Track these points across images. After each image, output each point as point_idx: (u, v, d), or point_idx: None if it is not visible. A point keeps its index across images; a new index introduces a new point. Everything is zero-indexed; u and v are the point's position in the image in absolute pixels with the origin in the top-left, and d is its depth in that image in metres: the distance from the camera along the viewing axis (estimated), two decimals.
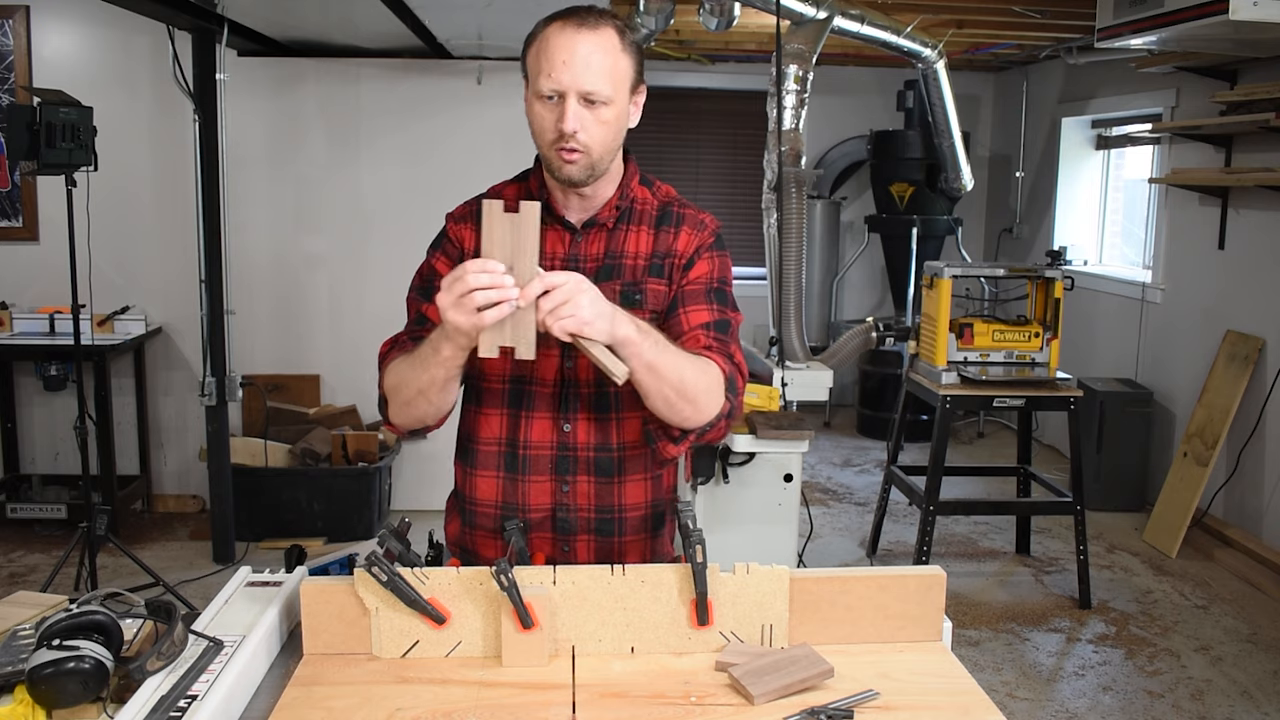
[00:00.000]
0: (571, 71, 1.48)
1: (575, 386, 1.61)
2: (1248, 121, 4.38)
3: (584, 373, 1.61)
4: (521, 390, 1.62)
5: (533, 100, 1.53)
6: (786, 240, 4.28)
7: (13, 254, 4.78)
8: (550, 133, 1.51)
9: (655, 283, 1.63)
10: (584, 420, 1.62)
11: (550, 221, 1.61)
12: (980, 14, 5.14)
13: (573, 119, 1.49)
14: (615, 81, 1.51)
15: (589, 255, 1.62)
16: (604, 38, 1.50)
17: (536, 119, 1.53)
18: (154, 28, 4.34)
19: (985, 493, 5.39)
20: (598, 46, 1.49)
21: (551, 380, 1.61)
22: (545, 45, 1.50)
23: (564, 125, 1.49)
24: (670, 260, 1.64)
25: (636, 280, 1.62)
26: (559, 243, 1.62)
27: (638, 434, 1.64)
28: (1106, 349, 5.94)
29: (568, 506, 1.64)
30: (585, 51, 1.48)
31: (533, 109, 1.54)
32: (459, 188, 1.91)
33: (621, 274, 1.62)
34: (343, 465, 4.63)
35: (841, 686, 1.37)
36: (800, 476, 3.52)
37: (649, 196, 1.67)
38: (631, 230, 1.64)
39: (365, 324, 4.87)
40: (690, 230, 1.65)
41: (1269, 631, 3.92)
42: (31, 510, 4.53)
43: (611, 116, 1.52)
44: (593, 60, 1.49)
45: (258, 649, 1.38)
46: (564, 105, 1.49)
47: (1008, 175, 7.16)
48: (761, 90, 4.77)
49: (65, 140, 3.39)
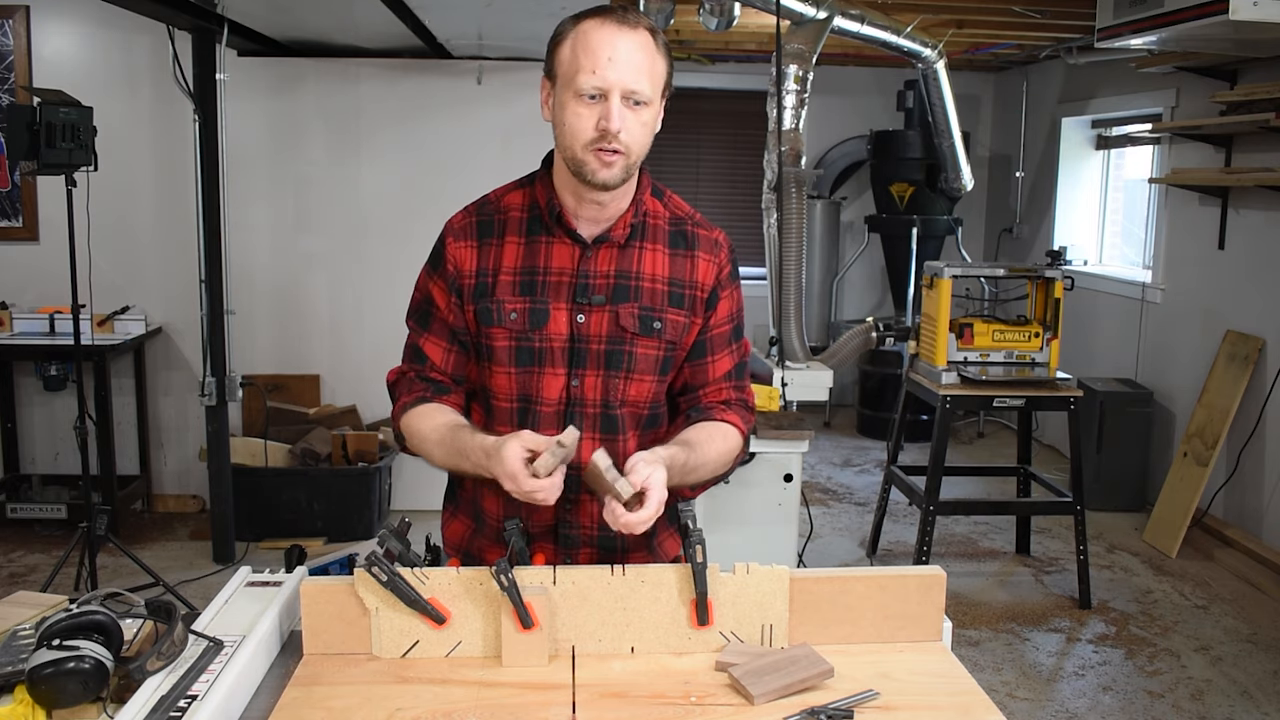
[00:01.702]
0: (617, 69, 1.43)
1: (580, 405, 1.59)
2: (1248, 121, 4.38)
3: (589, 392, 1.58)
4: (528, 409, 1.59)
5: (567, 100, 1.46)
6: (786, 240, 4.28)
7: (13, 254, 4.78)
8: (589, 133, 1.45)
9: (675, 313, 1.60)
10: (588, 439, 1.58)
11: (559, 234, 1.57)
12: (980, 14, 5.14)
13: (618, 117, 1.44)
14: (654, 82, 1.48)
15: (598, 272, 1.57)
16: (643, 38, 1.47)
17: (573, 118, 1.46)
18: (154, 28, 4.34)
19: (985, 493, 5.39)
20: (639, 45, 1.46)
21: (557, 399, 1.58)
22: (585, 42, 1.45)
23: (609, 124, 1.44)
24: (693, 293, 1.61)
25: (656, 306, 1.58)
26: (567, 257, 1.56)
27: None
28: (1106, 349, 5.94)
29: (570, 523, 1.62)
30: (628, 50, 1.45)
31: (567, 109, 1.47)
32: (458, 187, 1.90)
33: (639, 296, 1.58)
34: (343, 465, 4.63)
35: (841, 686, 1.37)
36: (800, 476, 3.52)
37: (660, 209, 1.63)
38: (646, 248, 1.60)
39: (365, 324, 4.88)
40: (707, 256, 1.62)
41: (1269, 631, 3.92)
42: (31, 510, 4.53)
43: (650, 118, 1.50)
44: (635, 59, 1.45)
45: (258, 649, 1.38)
46: (608, 104, 1.44)
47: (1008, 175, 7.16)
48: (761, 90, 4.77)
49: (65, 140, 3.39)
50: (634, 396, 1.60)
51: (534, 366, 1.57)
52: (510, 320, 1.56)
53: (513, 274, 1.57)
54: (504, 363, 1.58)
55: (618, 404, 1.60)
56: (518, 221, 1.59)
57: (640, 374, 1.59)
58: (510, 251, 1.58)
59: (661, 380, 1.62)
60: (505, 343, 1.57)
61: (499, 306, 1.56)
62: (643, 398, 1.61)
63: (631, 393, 1.60)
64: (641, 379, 1.59)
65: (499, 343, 1.57)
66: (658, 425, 1.68)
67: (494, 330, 1.57)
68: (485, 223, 1.60)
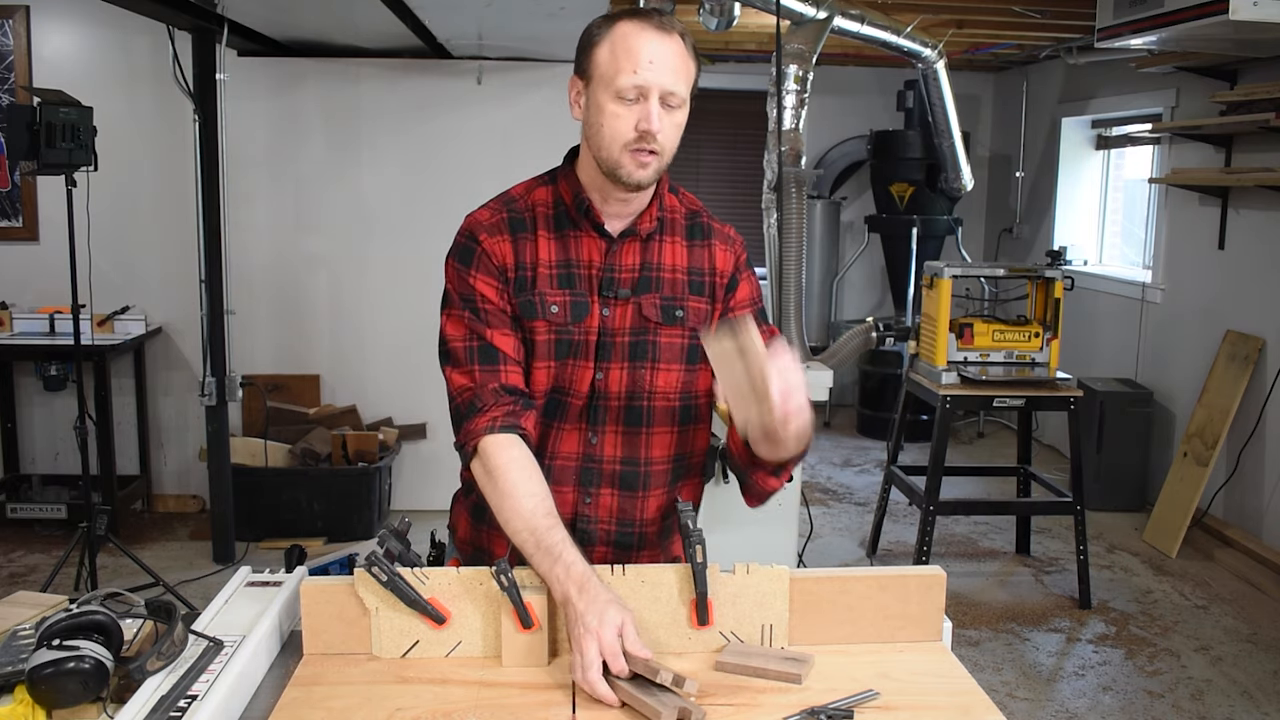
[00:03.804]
0: (657, 71, 1.47)
1: (605, 399, 1.60)
2: (1248, 121, 4.38)
3: (614, 385, 1.59)
4: (557, 401, 1.60)
5: (605, 101, 1.49)
6: (786, 240, 4.28)
7: (13, 254, 4.78)
8: (628, 133, 1.48)
9: (697, 300, 1.62)
10: (611, 433, 1.60)
11: (587, 229, 1.59)
12: (980, 14, 5.14)
13: (657, 119, 1.48)
14: (688, 84, 1.52)
15: (624, 266, 1.59)
16: (678, 42, 1.51)
17: (610, 119, 1.49)
18: (154, 28, 4.34)
19: (985, 493, 5.39)
20: (676, 49, 1.50)
21: (584, 392, 1.59)
22: (625, 44, 1.48)
23: (649, 125, 1.47)
24: (712, 279, 1.64)
25: (677, 295, 1.61)
26: (595, 251, 1.59)
27: (666, 450, 1.64)
28: (1106, 349, 5.94)
29: (588, 518, 1.62)
30: (667, 52, 1.48)
31: (604, 110, 1.49)
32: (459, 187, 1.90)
33: (660, 287, 1.60)
34: (343, 465, 4.63)
35: (841, 686, 1.37)
36: (800, 476, 3.52)
37: (676, 204, 1.67)
38: (666, 241, 1.63)
39: (365, 324, 4.88)
40: (723, 245, 1.66)
41: (1269, 631, 3.92)
42: (31, 510, 4.53)
43: (683, 119, 1.53)
44: (673, 62, 1.49)
45: (258, 649, 1.38)
46: (648, 105, 1.47)
47: (1008, 175, 7.16)
48: (761, 90, 4.77)
49: (65, 140, 3.39)
50: (662, 386, 1.61)
51: (570, 359, 1.58)
52: (552, 314, 1.57)
53: (550, 267, 1.58)
54: (543, 356, 1.58)
55: (645, 395, 1.60)
56: (545, 217, 1.60)
57: (666, 363, 1.60)
58: (544, 246, 1.59)
59: (690, 369, 1.62)
60: (546, 336, 1.57)
61: (541, 299, 1.57)
62: (672, 388, 1.62)
63: (660, 383, 1.61)
64: (669, 368, 1.61)
65: (540, 336, 1.57)
66: (697, 420, 1.67)
67: (536, 324, 1.57)
68: (516, 219, 1.60)
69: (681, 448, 1.66)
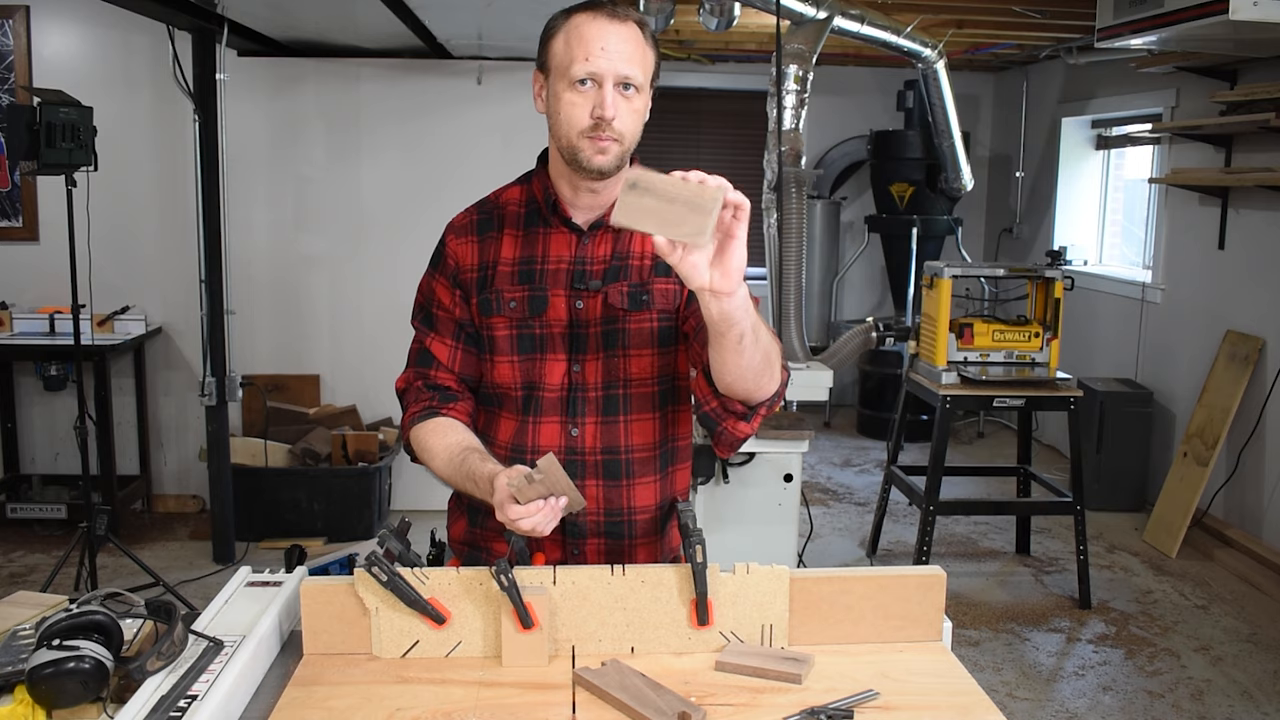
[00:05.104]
0: (610, 57, 1.49)
1: (582, 390, 1.61)
2: (1248, 121, 4.38)
3: (591, 376, 1.60)
4: (531, 395, 1.61)
5: (561, 91, 1.51)
6: (786, 240, 4.28)
7: (13, 254, 4.78)
8: (584, 120, 1.50)
9: (662, 282, 1.61)
10: (591, 425, 1.61)
11: (556, 224, 1.61)
12: (980, 14, 5.14)
13: (611, 104, 1.49)
14: (645, 70, 1.54)
15: (595, 257, 1.61)
16: (633, 29, 1.53)
17: (567, 107, 1.51)
18: (154, 28, 4.34)
19: (985, 493, 5.39)
20: (630, 36, 1.52)
21: (559, 384, 1.61)
22: (579, 33, 1.50)
23: (604, 111, 1.49)
24: None
25: (643, 281, 1.61)
26: (565, 245, 1.61)
27: (648, 436, 1.64)
28: (1106, 349, 5.94)
29: (577, 511, 1.63)
30: (620, 39, 1.50)
31: (561, 99, 1.52)
32: (459, 188, 1.91)
33: (628, 275, 1.61)
34: (343, 465, 4.63)
35: (841, 686, 1.37)
36: (800, 476, 3.52)
37: None
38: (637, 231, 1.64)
39: (365, 324, 4.88)
40: None
41: (1269, 631, 3.92)
42: (31, 510, 4.53)
43: (641, 106, 1.55)
44: (626, 48, 1.50)
45: (258, 649, 1.38)
46: (602, 91, 1.49)
47: (1008, 175, 7.16)
48: (761, 90, 4.77)
49: (65, 140, 3.39)
50: (637, 373, 1.62)
51: (535, 353, 1.60)
52: (510, 308, 1.60)
53: (511, 264, 1.61)
54: (506, 351, 1.61)
55: (621, 383, 1.61)
56: (515, 215, 1.64)
57: (638, 349, 1.61)
58: (508, 244, 1.62)
59: (663, 352, 1.62)
60: (506, 331, 1.60)
61: (498, 296, 1.60)
62: (646, 374, 1.62)
63: (634, 369, 1.61)
64: (640, 354, 1.61)
65: (500, 332, 1.61)
66: (678, 401, 1.67)
67: (495, 320, 1.61)
68: (485, 219, 1.65)
69: (663, 433, 1.66)
